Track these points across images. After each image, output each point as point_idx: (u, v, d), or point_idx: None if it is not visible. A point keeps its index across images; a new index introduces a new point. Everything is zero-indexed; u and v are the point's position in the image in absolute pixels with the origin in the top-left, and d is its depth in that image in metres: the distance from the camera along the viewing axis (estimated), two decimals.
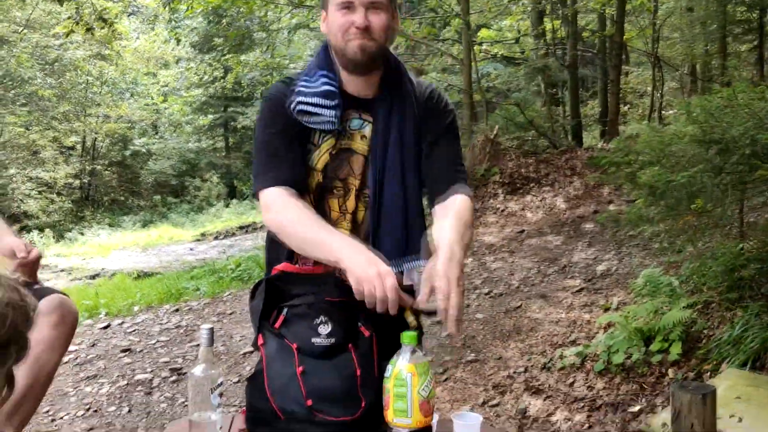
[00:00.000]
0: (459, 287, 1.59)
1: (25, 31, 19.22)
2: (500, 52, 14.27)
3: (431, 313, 4.30)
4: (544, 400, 3.82)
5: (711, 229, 4.46)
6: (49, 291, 2.01)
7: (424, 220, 1.85)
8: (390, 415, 1.53)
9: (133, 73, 24.17)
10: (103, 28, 7.93)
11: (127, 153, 24.55)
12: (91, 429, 3.86)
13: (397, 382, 1.51)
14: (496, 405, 3.82)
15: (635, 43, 14.55)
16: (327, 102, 1.75)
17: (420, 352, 1.55)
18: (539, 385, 3.99)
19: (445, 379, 4.21)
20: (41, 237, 16.45)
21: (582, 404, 3.70)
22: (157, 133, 26.41)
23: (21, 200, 19.77)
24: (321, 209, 1.81)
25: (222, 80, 20.14)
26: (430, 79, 15.16)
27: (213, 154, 25.95)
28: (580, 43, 13.82)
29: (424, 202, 1.92)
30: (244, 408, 1.80)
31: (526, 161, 10.32)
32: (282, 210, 1.74)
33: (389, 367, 1.54)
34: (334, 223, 1.81)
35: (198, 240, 16.10)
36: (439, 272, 1.56)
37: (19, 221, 19.03)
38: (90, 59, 21.13)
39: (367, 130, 1.82)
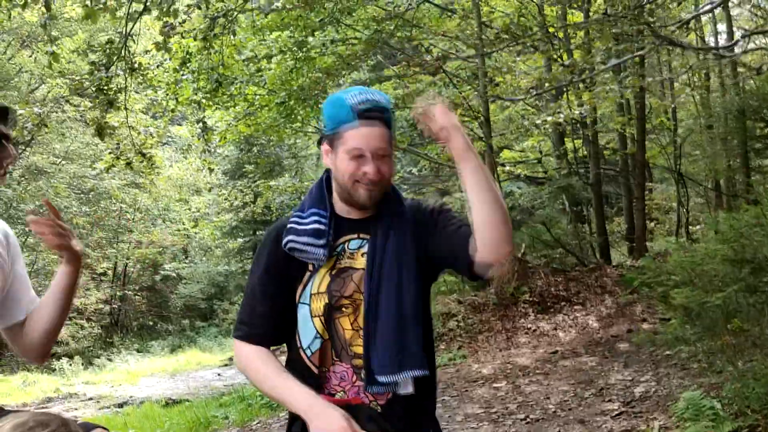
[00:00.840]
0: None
1: (63, 162, 20.04)
2: (523, 173, 14.54)
3: None
4: None
5: (750, 349, 4.37)
6: (92, 426, 2.03)
7: (422, 333, 1.87)
8: None
9: (166, 199, 24.86)
10: (142, 161, 8.31)
11: (158, 278, 24.86)
12: None
13: None
14: None
15: (658, 160, 14.80)
16: (316, 241, 1.85)
17: None
18: None
19: None
20: (70, 365, 16.44)
21: None
22: (187, 258, 26.80)
23: None
24: (333, 329, 1.87)
25: (252, 205, 20.66)
26: (456, 199, 15.43)
27: (242, 277, 26.18)
28: (603, 161, 14.07)
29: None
30: None
31: (555, 279, 10.29)
32: (252, 366, 1.90)
33: None
34: (349, 342, 1.86)
35: (226, 365, 15.99)
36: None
37: None
38: (124, 188, 21.85)
39: (367, 247, 1.89)
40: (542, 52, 10.62)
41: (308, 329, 1.87)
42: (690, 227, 13.38)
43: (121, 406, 9.88)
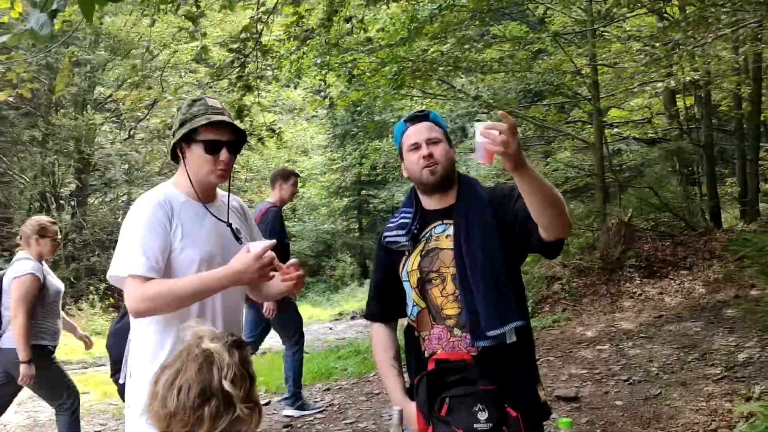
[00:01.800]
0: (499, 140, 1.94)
1: None
2: (632, 133, 14.32)
3: (570, 399, 4.74)
4: None
5: None
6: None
7: (515, 289, 2.32)
8: None
9: (276, 160, 25.86)
10: (272, 137, 8.95)
11: None
12: None
13: None
14: None
15: None
16: (401, 232, 2.40)
17: None
18: None
19: None
20: None
21: None
22: (295, 216, 27.86)
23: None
24: (427, 300, 2.36)
25: (358, 166, 21.27)
26: (560, 161, 15.41)
27: (347, 236, 27.13)
28: (716, 121, 13.70)
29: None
30: None
31: (662, 244, 10.30)
32: (374, 347, 2.61)
33: None
34: (441, 307, 2.34)
35: (336, 319, 16.85)
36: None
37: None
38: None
39: (450, 230, 2.36)
40: (652, 11, 10.42)
41: (409, 300, 2.42)
42: None
43: None
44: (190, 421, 1.56)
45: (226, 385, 1.57)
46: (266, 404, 6.46)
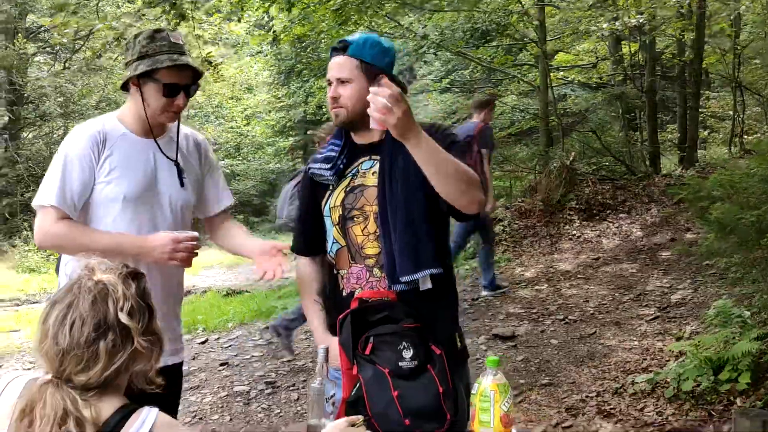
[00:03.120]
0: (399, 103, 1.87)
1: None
2: (576, 78, 14.36)
3: (507, 338, 4.73)
4: (615, 423, 4.03)
5: None
6: None
7: (433, 236, 2.20)
8: (476, 426, 1.85)
9: (219, 97, 25.22)
10: (208, 69, 8.61)
11: None
12: None
13: (482, 398, 1.84)
14: (569, 427, 4.06)
15: (716, 68, 14.42)
16: (326, 166, 2.27)
17: (501, 374, 1.86)
18: (611, 409, 4.20)
19: (520, 401, 4.47)
20: None
21: (651, 429, 3.90)
22: (240, 155, 27.38)
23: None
24: (348, 239, 2.26)
25: (304, 104, 20.86)
26: (506, 105, 15.39)
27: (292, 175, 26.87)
28: (659, 67, 13.79)
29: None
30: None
31: (602, 188, 10.42)
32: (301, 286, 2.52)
33: (475, 385, 1.87)
34: (362, 245, 2.25)
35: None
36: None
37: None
38: None
39: (377, 166, 2.24)
40: None
41: (330, 236, 2.30)
42: (745, 137, 13.17)
43: (185, 294, 10.56)
44: (84, 358, 1.45)
45: (123, 317, 1.47)
46: (204, 342, 6.38)
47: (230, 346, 6.18)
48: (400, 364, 2.12)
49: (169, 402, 2.06)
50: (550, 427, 4.07)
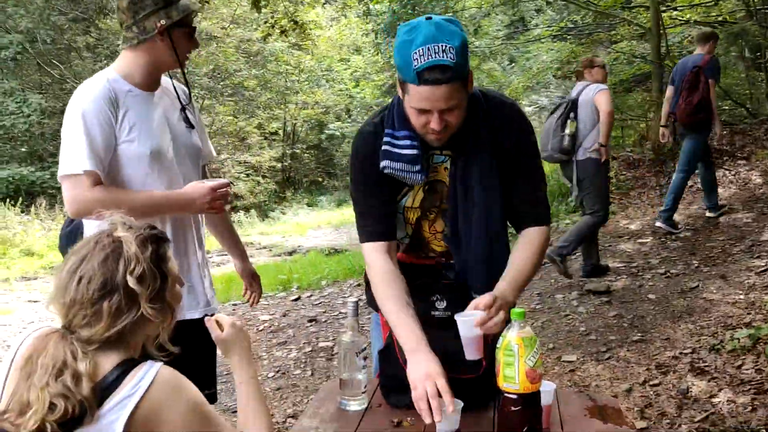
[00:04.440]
0: (501, 313, 1.82)
1: (231, 26, 20.94)
2: (693, 18, 13.38)
3: (600, 293, 4.49)
4: (709, 381, 3.77)
5: None
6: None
7: (506, 242, 2.08)
8: (500, 381, 1.74)
9: (328, 60, 25.44)
10: (295, 29, 8.62)
11: (323, 137, 25.94)
12: (278, 389, 4.38)
13: (507, 352, 1.72)
14: (657, 384, 3.83)
15: None
16: (413, 167, 1.96)
17: (527, 327, 1.73)
18: (705, 366, 3.93)
19: (608, 358, 4.26)
20: (248, 217, 17.98)
21: (748, 387, 3.62)
22: (350, 117, 27.60)
23: (232, 183, 21.68)
24: (417, 233, 2.12)
25: None
26: (619, 49, 14.58)
27: None
28: None
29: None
30: (377, 374, 2.11)
31: (720, 133, 9.70)
32: (372, 278, 2.10)
33: (500, 339, 1.75)
34: (428, 245, 2.13)
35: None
36: (489, 295, 1.86)
37: (230, 202, 20.97)
38: (288, 50, 22.57)
39: (448, 163, 2.04)
40: None
41: (400, 228, 2.13)
42: None
43: (290, 254, 10.83)
44: (88, 314, 1.44)
45: (131, 280, 1.44)
46: (296, 299, 6.51)
47: (320, 302, 6.26)
48: (433, 313, 2.07)
49: (195, 359, 2.04)
50: (636, 385, 3.86)
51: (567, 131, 5.56)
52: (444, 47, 1.74)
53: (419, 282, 2.10)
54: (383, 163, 1.98)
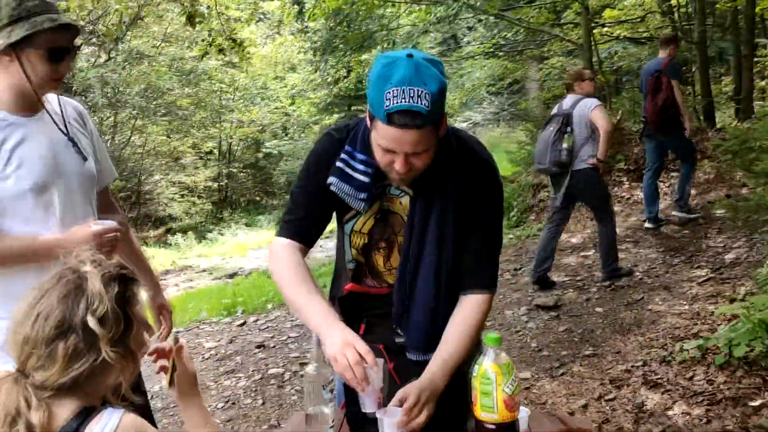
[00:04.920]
0: (424, 412, 1.74)
1: (163, 45, 20.55)
2: (623, 33, 13.79)
3: (549, 308, 4.44)
4: (663, 394, 3.79)
5: None
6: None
7: (453, 303, 1.96)
8: (477, 411, 1.67)
9: (263, 78, 25.23)
10: (233, 47, 8.48)
11: (260, 155, 25.70)
12: (229, 420, 4.22)
13: (483, 380, 1.66)
14: (613, 399, 3.84)
15: None
16: (358, 194, 1.89)
17: (503, 353, 1.68)
18: (658, 378, 3.96)
19: (562, 374, 4.26)
20: (185, 239, 17.59)
21: (701, 398, 3.65)
22: (286, 135, 27.41)
23: (166, 204, 21.19)
24: (369, 261, 2.02)
25: (345, 80, 20.66)
26: (552, 65, 14.92)
27: None
28: (710, 17, 13.13)
29: None
30: (343, 403, 2.03)
31: (689, 129, 9.94)
32: (278, 265, 1.98)
33: (475, 367, 1.69)
34: (381, 276, 2.03)
35: (327, 237, 16.69)
36: (413, 391, 1.75)
37: (165, 224, 20.47)
38: (222, 68, 22.27)
39: (405, 199, 1.95)
40: None
41: (347, 250, 2.03)
42: None
43: (231, 276, 10.60)
44: (42, 355, 1.31)
45: (91, 321, 1.32)
46: (242, 324, 6.34)
47: (267, 327, 6.11)
48: (396, 339, 2.02)
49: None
50: (592, 400, 3.86)
51: (564, 145, 5.61)
52: (420, 92, 1.64)
53: (379, 312, 2.04)
54: (331, 180, 1.91)
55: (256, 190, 25.51)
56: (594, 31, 11.94)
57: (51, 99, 2.17)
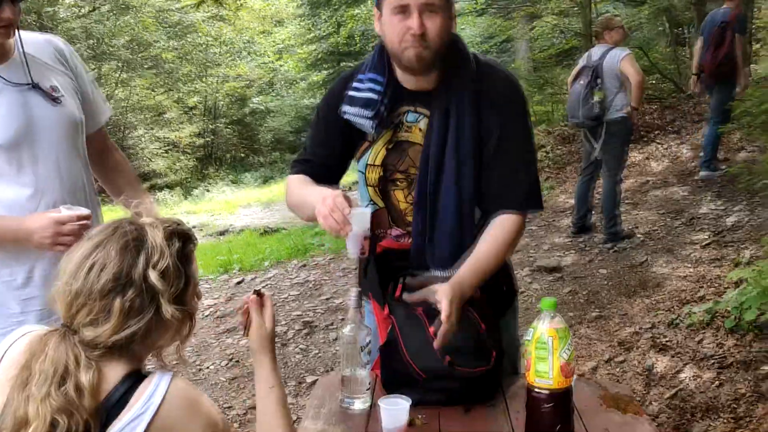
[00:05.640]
0: (449, 321, 1.68)
1: None
2: None
3: (552, 269, 4.35)
4: (672, 357, 3.79)
5: None
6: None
7: (474, 221, 1.91)
8: (531, 377, 1.62)
9: (249, 32, 24.75)
10: None
11: (246, 111, 25.34)
12: (234, 378, 4.18)
13: (539, 345, 1.60)
14: (622, 362, 3.83)
15: None
16: (366, 112, 1.84)
17: (558, 317, 1.62)
18: (666, 342, 3.96)
19: None
20: (171, 195, 17.40)
21: (711, 362, 3.65)
22: (273, 91, 27.04)
23: (149, 159, 20.87)
24: (388, 199, 1.95)
25: (335, 35, 20.34)
26: (546, 23, 14.73)
27: None
28: None
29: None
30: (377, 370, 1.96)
31: (650, 107, 9.93)
32: (288, 190, 1.98)
33: (530, 330, 1.63)
34: (404, 212, 1.95)
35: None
36: (444, 300, 1.69)
37: (149, 179, 20.22)
38: (208, 20, 21.80)
39: (423, 123, 1.88)
40: None
41: (363, 194, 1.97)
42: None
43: (222, 234, 10.49)
44: (95, 309, 1.22)
45: (152, 275, 1.23)
46: (240, 282, 6.27)
47: (266, 285, 6.04)
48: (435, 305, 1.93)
49: None
50: (602, 362, 3.85)
51: (596, 99, 5.53)
52: None
53: (415, 272, 1.97)
54: (343, 108, 1.88)
55: (242, 146, 25.21)
56: None
57: (14, 44, 1.96)
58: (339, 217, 1.65)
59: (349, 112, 1.87)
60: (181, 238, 1.32)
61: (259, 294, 1.55)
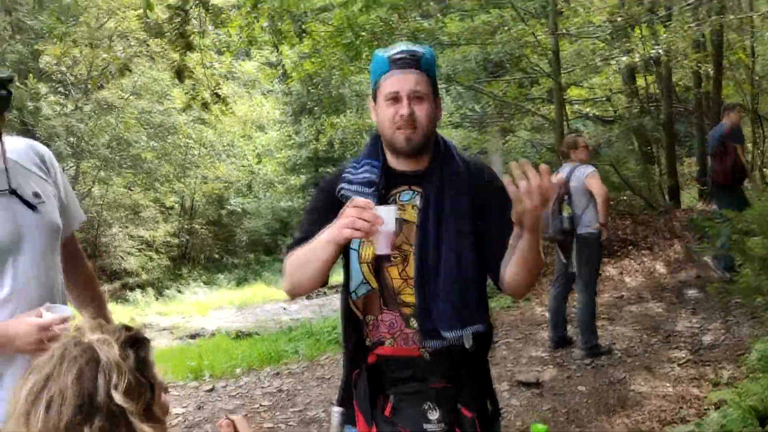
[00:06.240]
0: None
1: (132, 97, 20.37)
2: (592, 111, 14.14)
3: (531, 384, 4.32)
4: None
5: None
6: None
7: (480, 288, 1.94)
8: None
9: (231, 135, 25.13)
10: (217, 102, 8.45)
11: (223, 212, 25.39)
12: None
13: None
14: None
15: (733, 99, 14.18)
16: (366, 190, 1.92)
17: None
18: None
19: None
20: (143, 295, 17.12)
21: None
22: (251, 193, 27.22)
23: (122, 258, 20.64)
24: (382, 278, 1.94)
25: (315, 142, 20.74)
26: (519, 138, 15.17)
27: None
28: (675, 99, 13.55)
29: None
30: None
31: (622, 223, 10.12)
32: (290, 261, 1.96)
33: None
34: (398, 291, 1.94)
35: (291, 299, 16.42)
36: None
37: (121, 278, 19.90)
38: (191, 123, 22.13)
39: (418, 199, 1.95)
40: None
41: (356, 274, 1.94)
42: (765, 169, 12.85)
43: (193, 337, 10.28)
44: None
45: (117, 396, 1.16)
46: (210, 390, 6.08)
47: (238, 394, 5.86)
48: (426, 426, 1.85)
49: None
50: None
51: (565, 214, 5.64)
52: (416, 47, 1.94)
53: (407, 388, 1.91)
54: (341, 185, 1.97)
55: (217, 247, 25.09)
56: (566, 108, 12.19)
57: (9, 148, 1.97)
58: (369, 215, 1.70)
59: (349, 189, 1.94)
60: (134, 345, 1.26)
61: (231, 420, 1.47)
